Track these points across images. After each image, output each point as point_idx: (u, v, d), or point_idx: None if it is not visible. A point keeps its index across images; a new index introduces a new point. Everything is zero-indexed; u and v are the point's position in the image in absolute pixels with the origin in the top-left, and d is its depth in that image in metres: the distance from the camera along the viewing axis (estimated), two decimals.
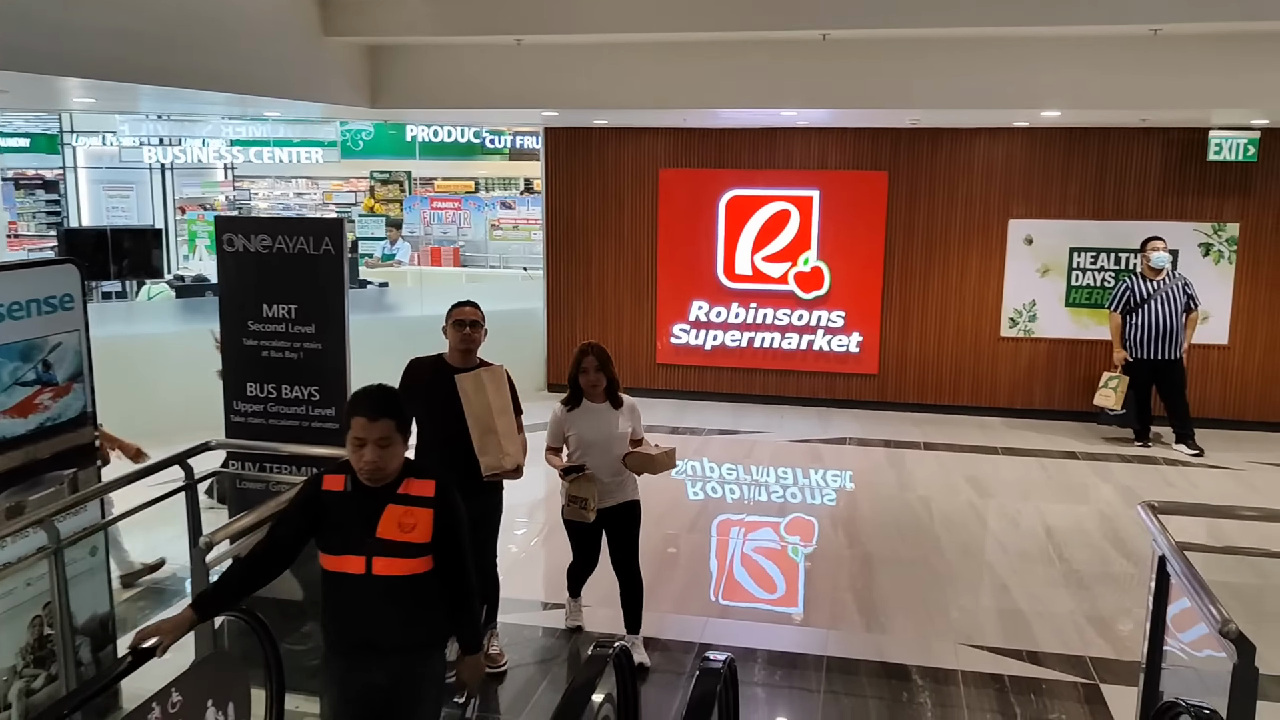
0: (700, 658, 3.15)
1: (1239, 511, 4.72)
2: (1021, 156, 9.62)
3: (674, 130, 10.18)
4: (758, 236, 10.12)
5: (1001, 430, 9.57)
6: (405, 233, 15.25)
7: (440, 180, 16.53)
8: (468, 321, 4.72)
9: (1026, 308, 9.81)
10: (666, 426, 9.56)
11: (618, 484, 4.96)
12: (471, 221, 15.27)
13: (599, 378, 4.87)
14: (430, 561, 3.03)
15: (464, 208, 15.30)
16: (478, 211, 15.25)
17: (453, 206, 15.36)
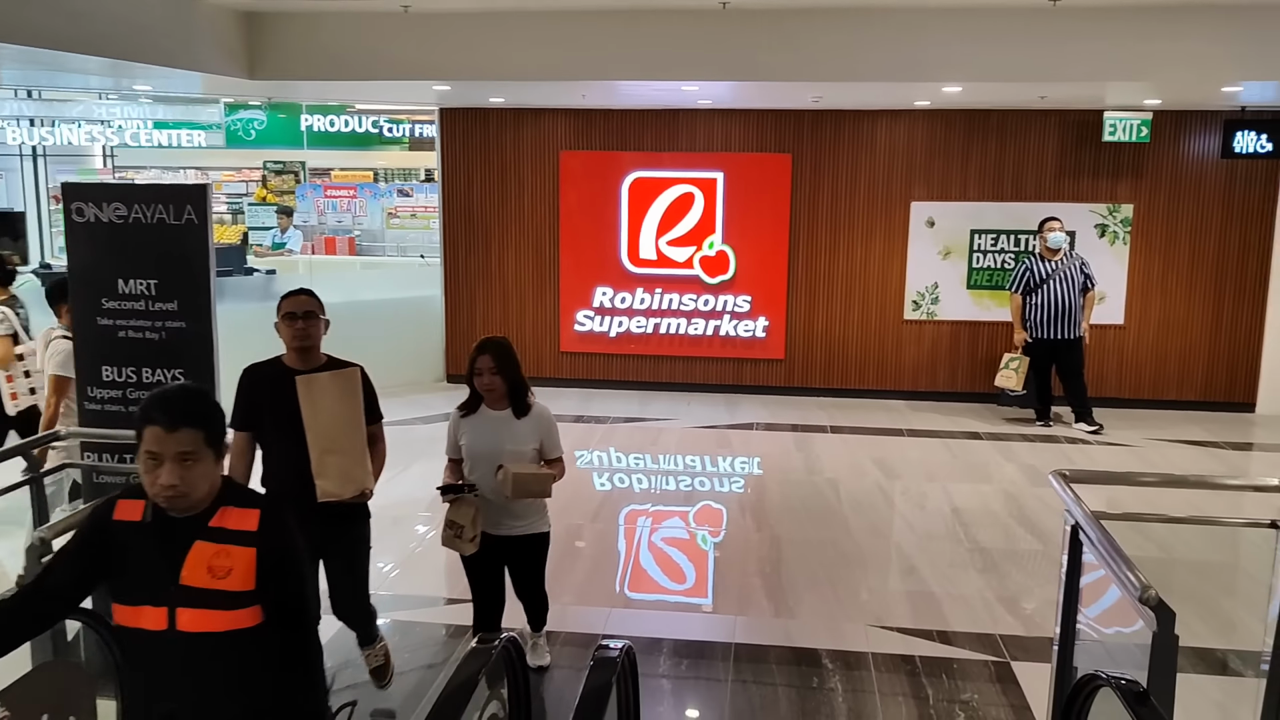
0: (596, 647, 2.90)
1: (1142, 478, 4.67)
2: (923, 138, 9.61)
3: (574, 111, 9.90)
4: (662, 220, 9.92)
5: (906, 413, 9.55)
6: (298, 221, 14.63)
7: (337, 171, 15.92)
8: (300, 313, 3.89)
9: (929, 290, 9.81)
10: (571, 415, 9.28)
11: (519, 508, 4.19)
12: (368, 210, 14.72)
13: (495, 381, 4.10)
14: (258, 614, 2.34)
15: (360, 196, 14.74)
16: (374, 200, 14.71)
17: (348, 195, 14.79)
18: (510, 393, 4.17)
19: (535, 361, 10.33)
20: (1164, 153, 9.34)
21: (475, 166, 10.17)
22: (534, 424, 4.20)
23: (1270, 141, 8.63)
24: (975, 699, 4.45)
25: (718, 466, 7.94)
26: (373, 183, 15.13)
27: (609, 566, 6.03)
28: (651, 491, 7.43)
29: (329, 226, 14.79)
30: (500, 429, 4.15)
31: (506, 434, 4.13)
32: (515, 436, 4.14)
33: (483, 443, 4.14)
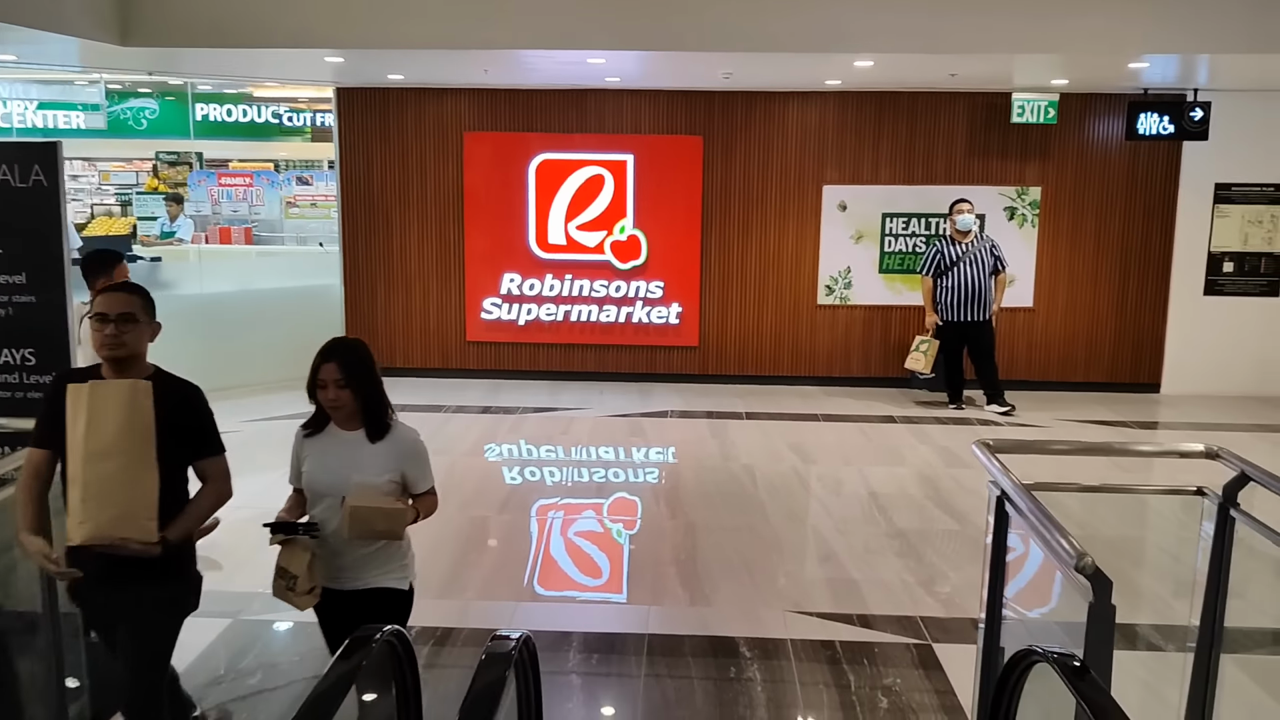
0: (490, 639, 2.61)
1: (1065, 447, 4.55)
2: (834, 121, 9.50)
3: (478, 90, 9.54)
4: (571, 203, 9.62)
5: (821, 398, 9.43)
6: (191, 211, 13.93)
7: (236, 162, 15.24)
8: (113, 315, 3.03)
9: (842, 275, 9.71)
10: (478, 406, 8.93)
11: (364, 558, 3.27)
12: (265, 199, 14.08)
13: (342, 395, 3.24)
14: None
15: (256, 184, 14.09)
16: (271, 188, 14.08)
17: (244, 183, 14.13)
18: (364, 410, 3.31)
19: (441, 352, 9.95)
20: (1070, 135, 9.40)
21: (375, 149, 9.73)
22: (393, 449, 3.33)
23: (1172, 123, 8.73)
24: (898, 684, 4.28)
25: (631, 456, 7.68)
26: (271, 170, 14.51)
27: (517, 561, 5.72)
28: (563, 484, 7.13)
29: (224, 216, 14.12)
30: (348, 454, 3.27)
31: (355, 461, 3.25)
32: (366, 465, 3.25)
33: (325, 471, 3.27)
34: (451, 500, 6.48)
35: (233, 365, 9.35)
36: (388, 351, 9.98)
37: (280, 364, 9.64)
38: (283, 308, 9.65)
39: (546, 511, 6.41)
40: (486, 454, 7.57)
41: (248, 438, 7.88)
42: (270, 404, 8.87)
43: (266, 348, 9.57)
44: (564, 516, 6.37)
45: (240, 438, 7.85)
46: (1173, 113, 8.73)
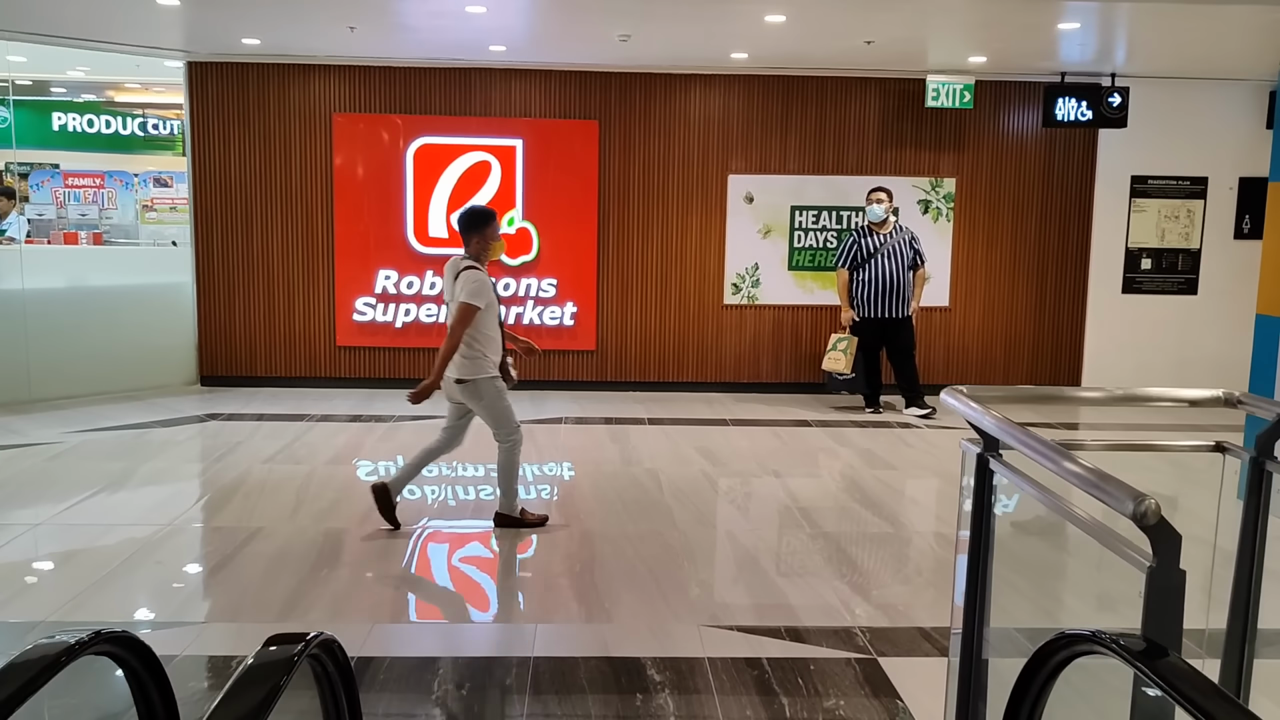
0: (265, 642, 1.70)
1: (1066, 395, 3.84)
2: (740, 106, 8.85)
3: (349, 67, 8.60)
4: (454, 193, 8.72)
5: (730, 404, 8.67)
6: (33, 214, 12.51)
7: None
8: None
9: (749, 272, 9.02)
10: (346, 415, 7.89)
11: None
12: (118, 202, 12.78)
13: None
14: None
15: (108, 185, 12.78)
16: (126, 190, 12.78)
17: (93, 184, 12.79)
18: None
19: (308, 360, 8.88)
20: (986, 125, 8.94)
21: (232, 131, 8.68)
22: None
23: (1090, 109, 8.32)
24: (842, 706, 3.45)
25: None
26: (124, 171, 13.19)
27: (376, 579, 4.73)
28: (436, 494, 6.16)
29: (70, 220, 12.73)
30: None
31: None
32: None
33: None
34: (304, 512, 5.50)
35: (59, 372, 8.12)
36: (246, 358, 8.87)
37: (125, 373, 8.47)
38: (127, 309, 8.49)
39: (415, 523, 5.44)
40: (350, 464, 6.55)
41: (66, 451, 6.70)
42: (102, 414, 7.67)
43: (107, 355, 8.37)
44: (435, 528, 5.40)
45: (56, 450, 6.68)
46: (1090, 98, 8.33)
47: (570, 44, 7.67)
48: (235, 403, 8.27)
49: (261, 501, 5.69)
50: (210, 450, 6.83)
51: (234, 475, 6.21)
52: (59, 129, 14.65)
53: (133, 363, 8.51)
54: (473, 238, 4.97)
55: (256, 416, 7.79)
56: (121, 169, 13.34)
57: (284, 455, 6.65)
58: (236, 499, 5.76)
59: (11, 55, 11.10)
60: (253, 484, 6.01)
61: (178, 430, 7.29)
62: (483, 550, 5.19)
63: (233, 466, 6.40)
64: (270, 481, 6.06)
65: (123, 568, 4.66)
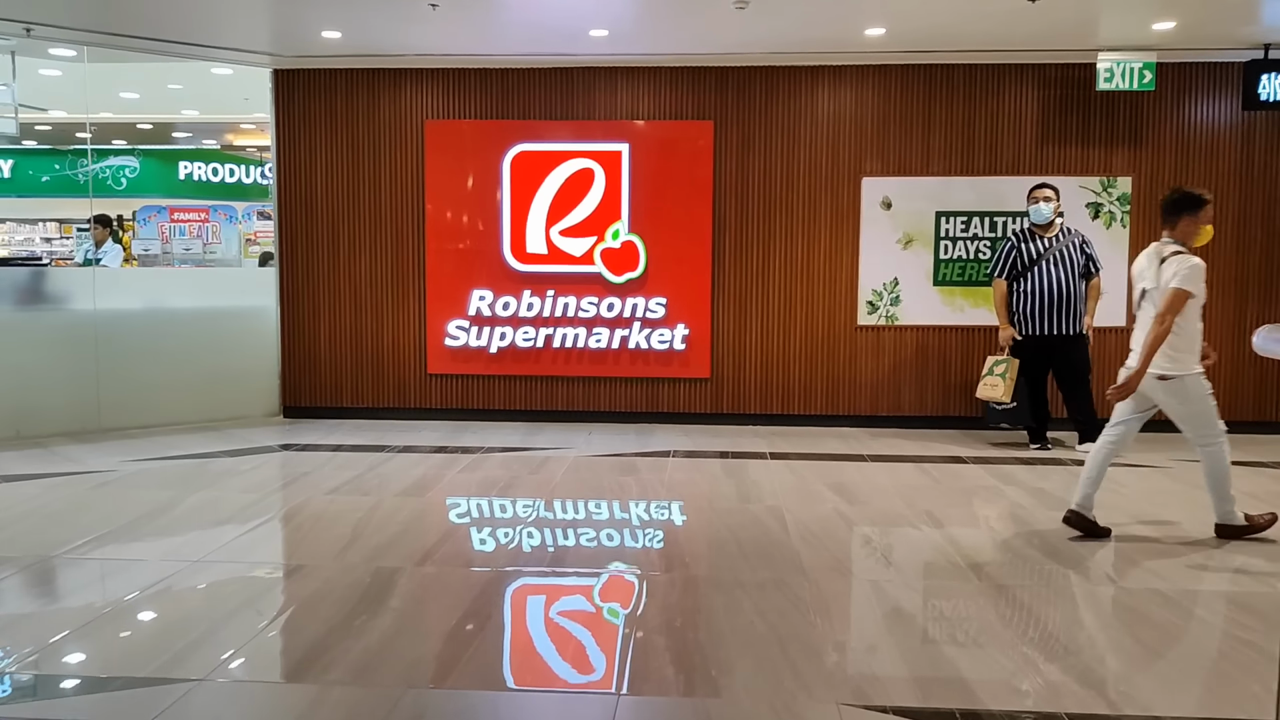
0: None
1: None
2: (875, 100, 7.78)
3: (441, 70, 7.92)
4: (553, 204, 7.88)
5: (866, 439, 7.48)
6: (139, 250, 12.32)
7: None
8: None
9: (888, 288, 7.86)
10: (430, 447, 7.04)
11: None
12: (222, 235, 12.49)
13: None
14: None
15: (212, 219, 12.53)
16: (229, 224, 12.50)
17: (198, 219, 12.57)
18: None
19: (396, 388, 8.12)
20: (1167, 114, 7.62)
21: (319, 141, 8.09)
22: None
23: None
24: None
25: (613, 492, 5.74)
26: (228, 204, 12.95)
27: (421, 631, 3.77)
28: (511, 531, 5.18)
29: (175, 255, 12.48)
30: None
31: None
32: None
33: None
34: (356, 549, 4.61)
35: (131, 400, 7.55)
36: (332, 387, 8.16)
37: (201, 403, 7.87)
38: (202, 333, 7.89)
39: (479, 564, 4.47)
40: (423, 496, 5.66)
41: (115, 479, 6.02)
42: (170, 444, 7.03)
43: (182, 382, 7.78)
44: (501, 570, 4.42)
45: (105, 479, 6.00)
46: None
47: (682, 21, 6.75)
48: (315, 434, 7.53)
49: (311, 536, 4.82)
50: (270, 480, 6.04)
51: (290, 506, 5.39)
52: (185, 177, 14.67)
53: (210, 391, 7.89)
54: (1181, 221, 4.81)
55: (333, 447, 7.01)
56: (228, 203, 13.13)
57: (351, 486, 5.81)
58: (283, 533, 4.92)
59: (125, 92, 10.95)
60: (307, 516, 5.16)
61: (243, 460, 6.56)
62: (553, 598, 4.17)
63: (291, 497, 5.59)
64: (328, 514, 5.20)
65: (111, 614, 3.82)
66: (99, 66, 8.80)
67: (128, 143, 13.52)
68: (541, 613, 4.04)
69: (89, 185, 15.47)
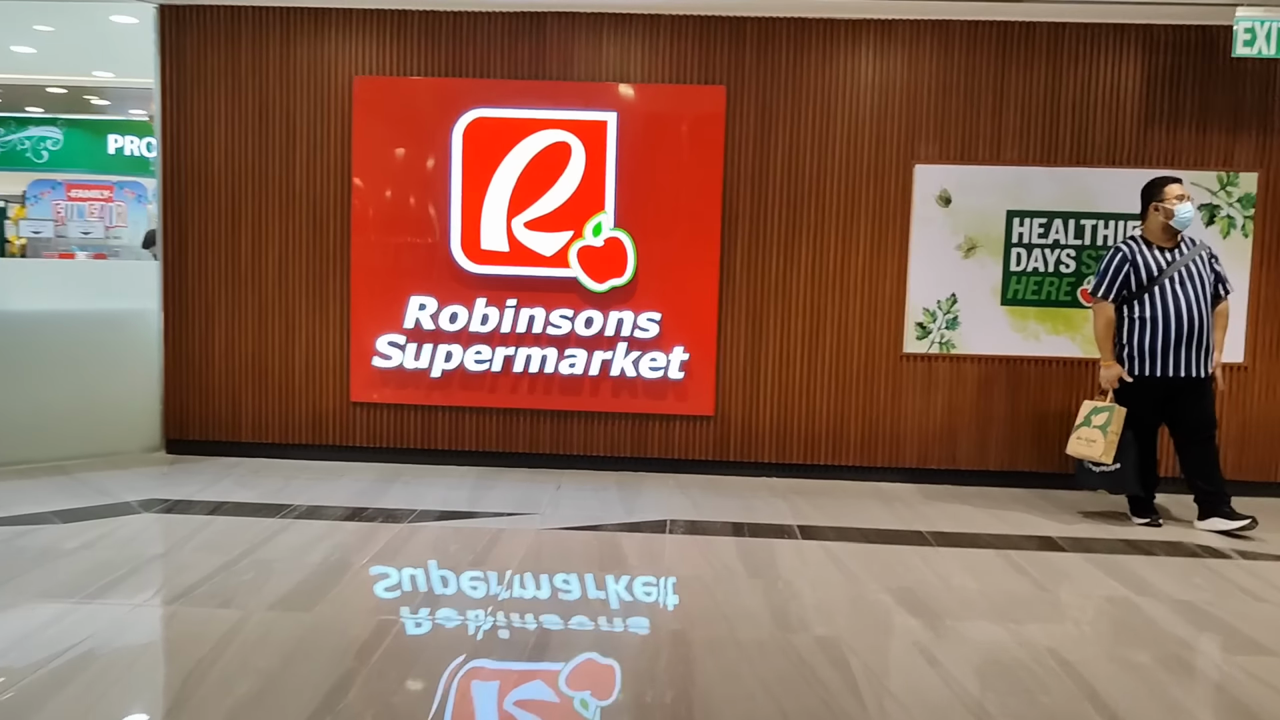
0: None
1: None
2: (934, 65, 6.08)
3: (378, 12, 6.14)
4: (518, 188, 6.12)
5: (918, 503, 5.79)
6: (29, 232, 10.40)
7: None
8: None
9: (943, 307, 6.17)
10: (342, 509, 5.26)
11: None
12: (129, 218, 10.62)
13: None
14: None
15: (117, 198, 10.64)
16: (138, 204, 10.63)
17: (101, 197, 10.67)
18: None
19: (311, 420, 6.33)
20: None
21: (218, 100, 6.27)
22: None
23: None
24: None
25: (588, 607, 4.00)
26: (138, 183, 11.03)
27: None
28: (480, 624, 3.43)
29: (71, 239, 10.53)
30: None
31: None
32: None
33: None
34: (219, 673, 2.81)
35: None
36: (229, 416, 6.36)
37: (62, 437, 6.05)
38: (61, 343, 6.07)
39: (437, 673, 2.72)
40: (309, 609, 3.87)
41: None
42: (11, 494, 5.21)
43: (21, 407, 5.96)
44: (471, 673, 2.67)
45: None
46: None
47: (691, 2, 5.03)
48: (196, 481, 5.73)
49: (110, 698, 3.03)
50: (97, 572, 4.21)
51: (100, 631, 3.58)
52: (115, 152, 12.76)
53: (69, 421, 6.07)
54: None
55: (213, 506, 5.22)
56: (139, 180, 11.23)
57: (213, 585, 4.02)
58: (67, 694, 3.12)
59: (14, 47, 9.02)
60: (121, 656, 3.36)
61: (76, 530, 4.74)
62: None
63: (112, 613, 3.77)
64: (155, 650, 3.43)
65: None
66: None
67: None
68: None
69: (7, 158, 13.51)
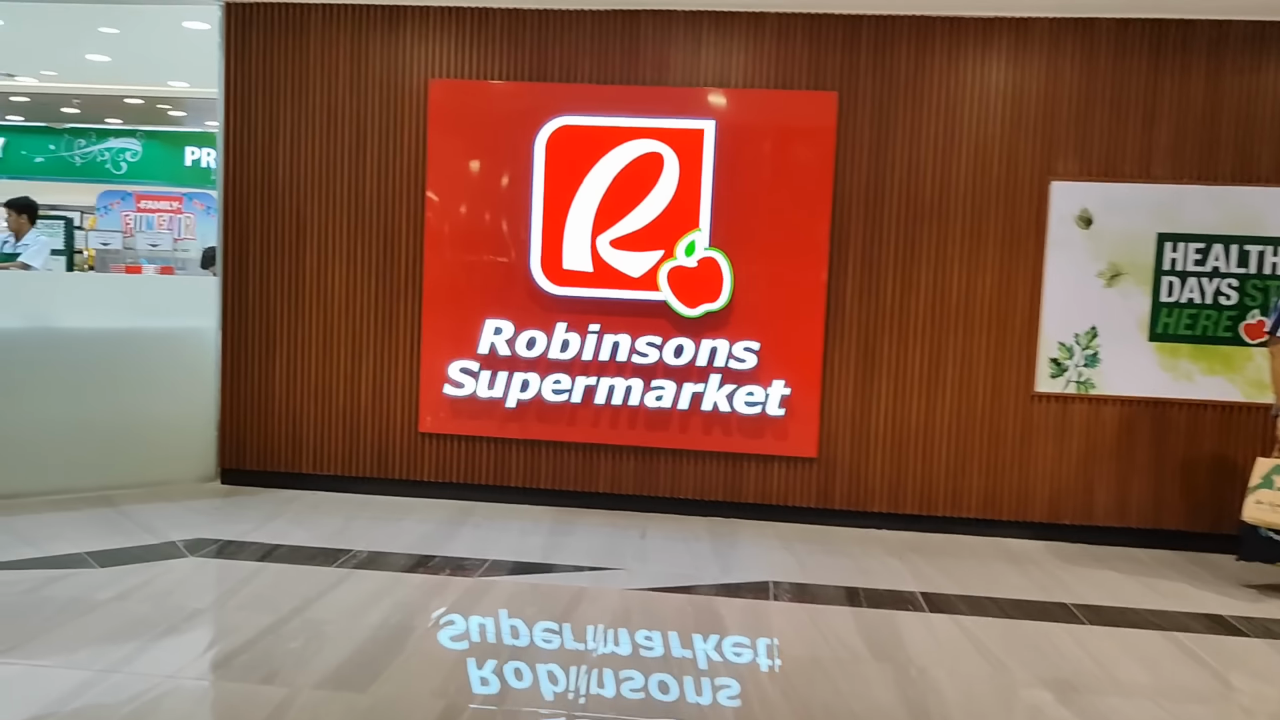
0: None
1: None
2: (1074, 70, 5.39)
3: (456, 10, 5.65)
4: (604, 202, 5.57)
5: (1055, 566, 5.07)
6: (98, 244, 10.18)
7: None
8: None
9: (1081, 341, 5.45)
10: (407, 557, 4.72)
11: None
12: (197, 230, 10.36)
13: None
14: None
15: (187, 209, 10.39)
16: (206, 216, 10.36)
17: (170, 209, 10.43)
18: None
19: (376, 451, 5.84)
20: None
21: (283, 105, 5.83)
22: None
23: None
24: None
25: (697, 699, 3.38)
26: (209, 194, 10.76)
27: None
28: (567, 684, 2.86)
29: (139, 251, 10.29)
30: None
31: None
32: None
33: None
34: None
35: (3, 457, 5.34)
36: (288, 444, 5.90)
37: (92, 460, 5.65)
38: (115, 363, 5.66)
39: None
40: (363, 690, 3.33)
41: None
42: (23, 532, 4.78)
43: (69, 431, 5.56)
44: None
45: None
46: None
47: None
48: (251, 517, 5.26)
49: None
50: (128, 631, 3.71)
51: (119, 712, 3.08)
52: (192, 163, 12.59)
53: (120, 447, 5.65)
54: None
55: (266, 550, 4.73)
56: (209, 192, 10.96)
57: (256, 651, 3.50)
58: None
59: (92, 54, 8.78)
60: None
61: (112, 576, 4.28)
62: None
63: (134, 686, 3.26)
64: None
65: None
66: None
67: None
68: None
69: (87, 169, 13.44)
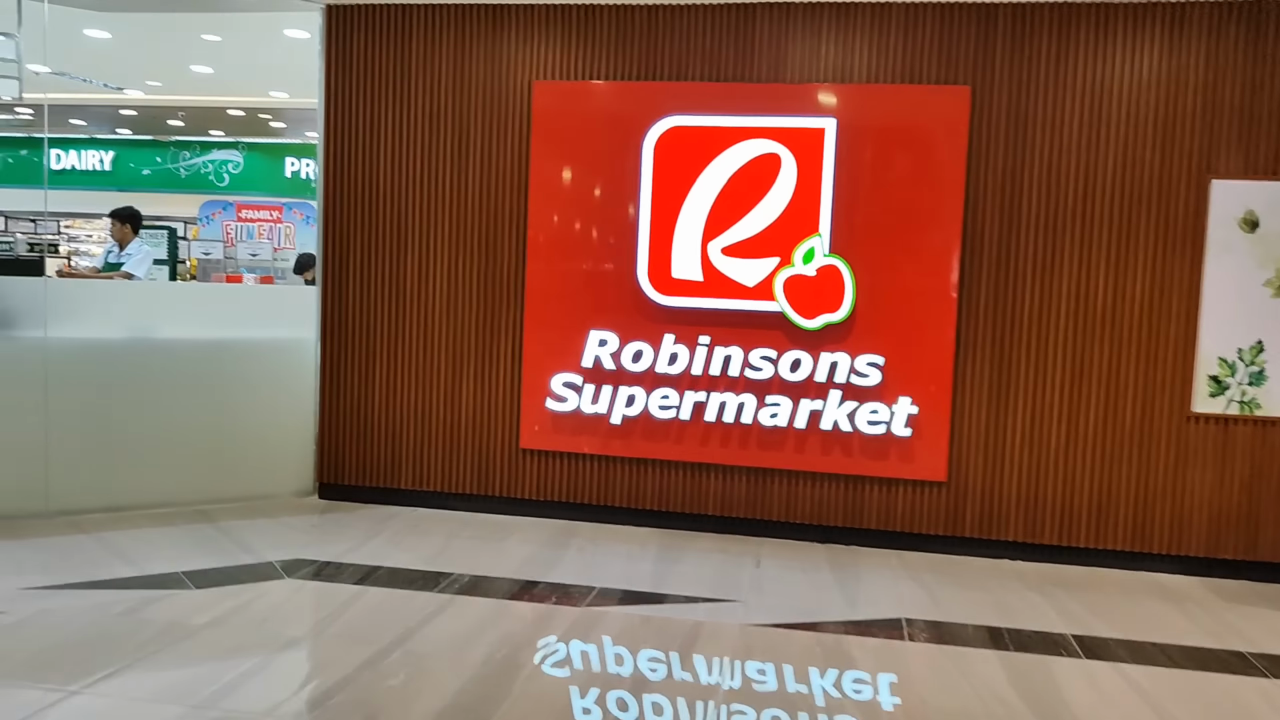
0: None
1: None
2: (1236, 56, 4.89)
3: (561, 8, 5.41)
4: (716, 207, 5.25)
5: (1217, 606, 4.57)
6: (200, 254, 10.26)
7: None
8: None
9: (1246, 357, 4.94)
10: (511, 582, 4.47)
11: None
12: (297, 239, 10.37)
13: None
14: None
15: (286, 219, 10.40)
16: (306, 225, 10.36)
17: (270, 218, 10.46)
18: None
19: (477, 468, 5.62)
20: None
21: (385, 109, 5.66)
22: None
23: None
24: None
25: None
26: (308, 203, 10.78)
27: None
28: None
29: (239, 261, 10.32)
30: None
31: None
32: None
33: None
34: None
35: (93, 471, 5.25)
36: (387, 459, 5.72)
37: (188, 474, 5.55)
38: (211, 375, 5.54)
39: None
40: (482, 715, 3.07)
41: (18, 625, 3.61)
42: (123, 549, 4.66)
43: (167, 445, 5.45)
44: None
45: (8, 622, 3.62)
46: None
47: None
48: (350, 536, 5.08)
49: None
50: (208, 670, 3.52)
51: None
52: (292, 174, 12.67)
53: (216, 461, 5.54)
54: None
55: (365, 572, 4.53)
56: (309, 201, 10.98)
57: (354, 687, 3.27)
58: None
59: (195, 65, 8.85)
60: None
61: (207, 598, 4.11)
62: None
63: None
64: None
65: None
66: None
67: None
68: None
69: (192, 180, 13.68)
